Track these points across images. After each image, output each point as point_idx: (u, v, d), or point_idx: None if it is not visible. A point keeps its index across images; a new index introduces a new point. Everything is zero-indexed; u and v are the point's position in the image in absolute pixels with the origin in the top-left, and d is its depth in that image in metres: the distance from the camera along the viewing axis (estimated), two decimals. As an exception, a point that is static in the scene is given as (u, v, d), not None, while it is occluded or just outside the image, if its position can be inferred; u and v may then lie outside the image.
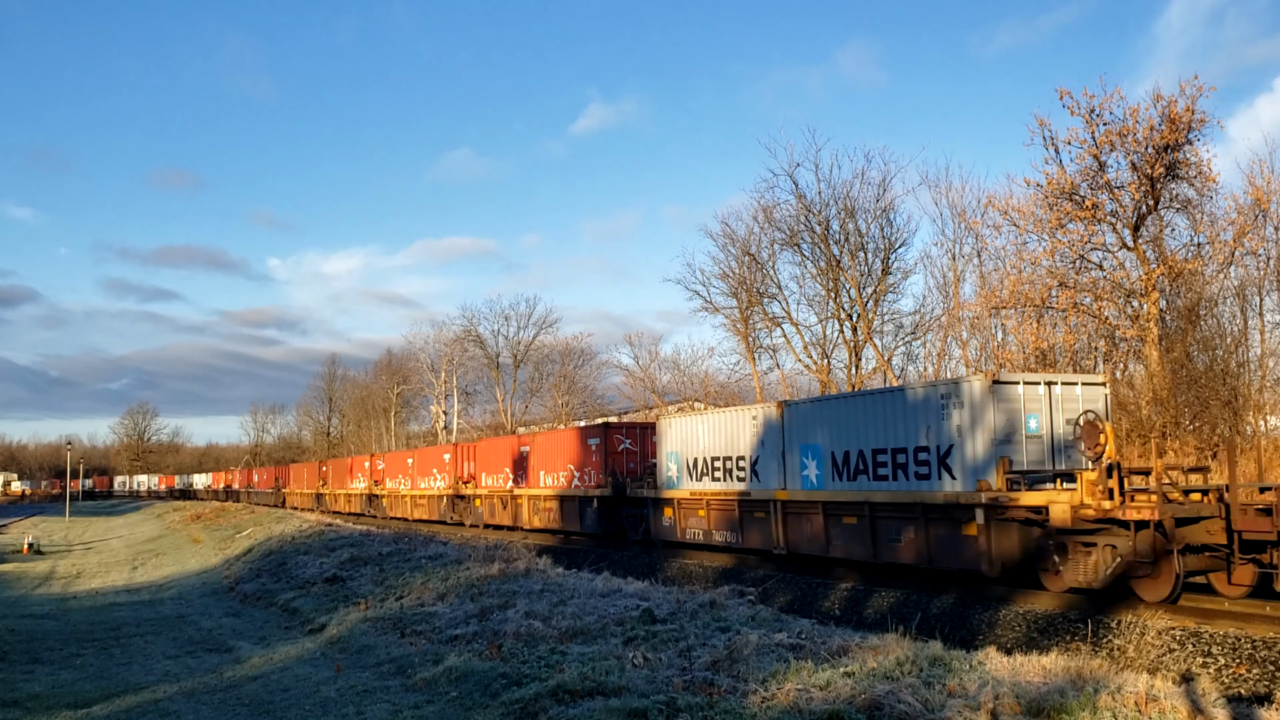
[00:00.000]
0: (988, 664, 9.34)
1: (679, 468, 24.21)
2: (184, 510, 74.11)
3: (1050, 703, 7.79)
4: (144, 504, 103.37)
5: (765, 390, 43.84)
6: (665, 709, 8.53)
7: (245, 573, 27.54)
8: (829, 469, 19.30)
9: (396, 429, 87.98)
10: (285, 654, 14.57)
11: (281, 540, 32.08)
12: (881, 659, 9.47)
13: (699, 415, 24.31)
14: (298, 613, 19.15)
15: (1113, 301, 28.89)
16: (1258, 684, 10.66)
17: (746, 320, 43.71)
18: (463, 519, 38.88)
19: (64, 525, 66.64)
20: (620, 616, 13.24)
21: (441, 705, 10.08)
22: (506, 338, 70.42)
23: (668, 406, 51.19)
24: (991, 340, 34.47)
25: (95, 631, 18.24)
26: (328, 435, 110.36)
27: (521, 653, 11.65)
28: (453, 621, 14.43)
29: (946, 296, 38.77)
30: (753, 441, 21.59)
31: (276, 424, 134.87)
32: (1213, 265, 29.13)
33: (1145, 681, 8.20)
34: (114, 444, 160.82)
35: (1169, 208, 28.44)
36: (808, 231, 40.97)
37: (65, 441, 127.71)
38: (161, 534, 54.03)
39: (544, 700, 9.30)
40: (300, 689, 11.69)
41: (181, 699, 11.72)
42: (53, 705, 11.54)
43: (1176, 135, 26.10)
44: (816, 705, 8.24)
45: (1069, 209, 28.45)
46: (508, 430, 63.55)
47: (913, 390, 17.65)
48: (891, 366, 39.29)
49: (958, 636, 13.37)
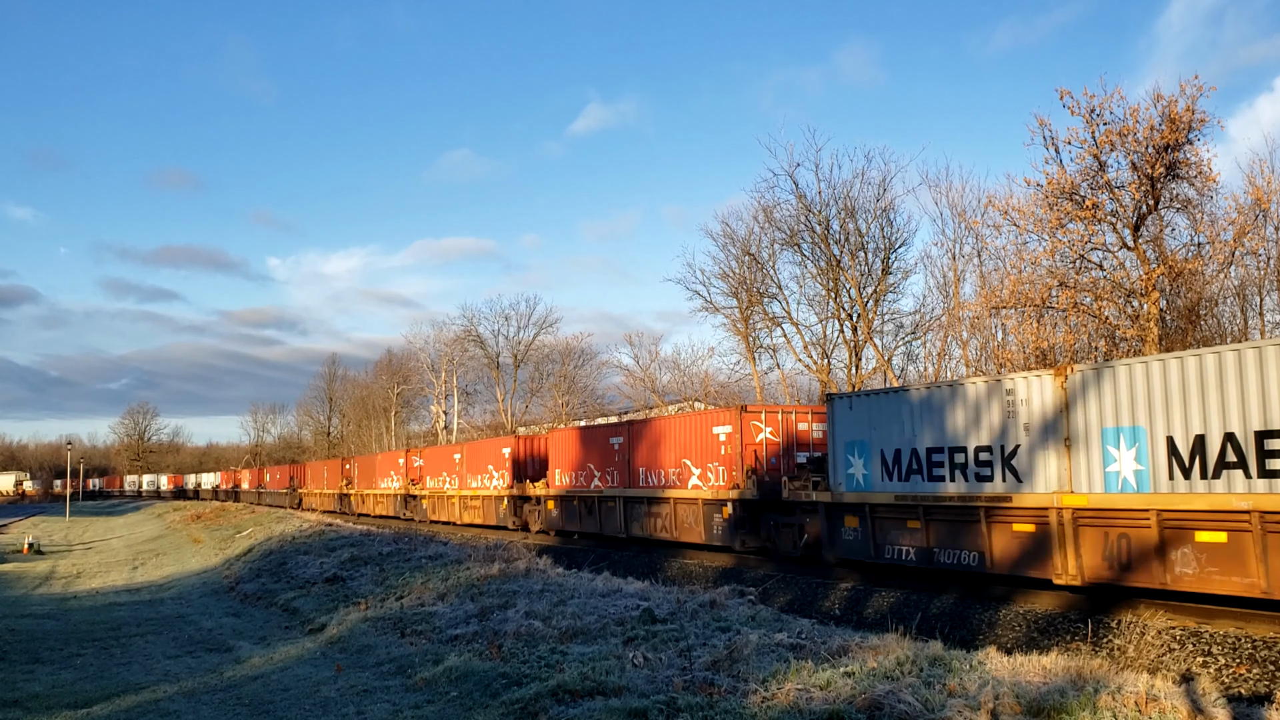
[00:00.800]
0: (988, 664, 9.35)
1: (869, 461, 18.18)
2: (184, 510, 74.11)
3: (1050, 702, 7.79)
4: (144, 504, 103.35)
5: (765, 390, 43.86)
6: (665, 709, 8.53)
7: (245, 572, 27.55)
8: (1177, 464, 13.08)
9: (396, 429, 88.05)
10: (285, 654, 14.57)
11: (282, 540, 32.09)
12: (881, 659, 9.48)
13: (902, 392, 17.86)
14: (298, 613, 19.16)
15: (1113, 301, 28.89)
16: (1258, 684, 10.65)
17: (746, 320, 43.72)
18: (530, 524, 33.31)
19: (64, 525, 66.65)
20: (620, 616, 13.25)
21: (442, 705, 10.08)
22: (507, 338, 70.48)
23: (668, 406, 51.21)
24: (991, 340, 34.49)
25: (95, 631, 18.24)
26: (328, 435, 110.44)
27: (522, 652, 11.66)
28: (453, 621, 14.44)
29: (946, 296, 38.81)
30: (1010, 426, 15.47)
31: (277, 424, 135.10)
32: (1213, 265, 29.13)
33: (1145, 681, 8.20)
34: (114, 444, 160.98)
35: (1169, 208, 28.44)
36: (808, 231, 41.01)
37: (65, 441, 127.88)
38: (162, 534, 54.04)
39: (544, 700, 9.31)
40: (300, 689, 11.69)
41: (182, 699, 11.72)
42: (53, 705, 11.54)
43: (1177, 135, 26.09)
44: (817, 705, 8.24)
45: (1069, 209, 28.45)
46: (508, 430, 63.55)
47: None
48: (891, 366, 39.30)
49: (958, 636, 13.38)
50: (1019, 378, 15.52)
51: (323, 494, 60.55)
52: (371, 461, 51.93)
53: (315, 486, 62.82)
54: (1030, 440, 15.19)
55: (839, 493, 18.76)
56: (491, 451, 36.96)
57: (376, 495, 49.94)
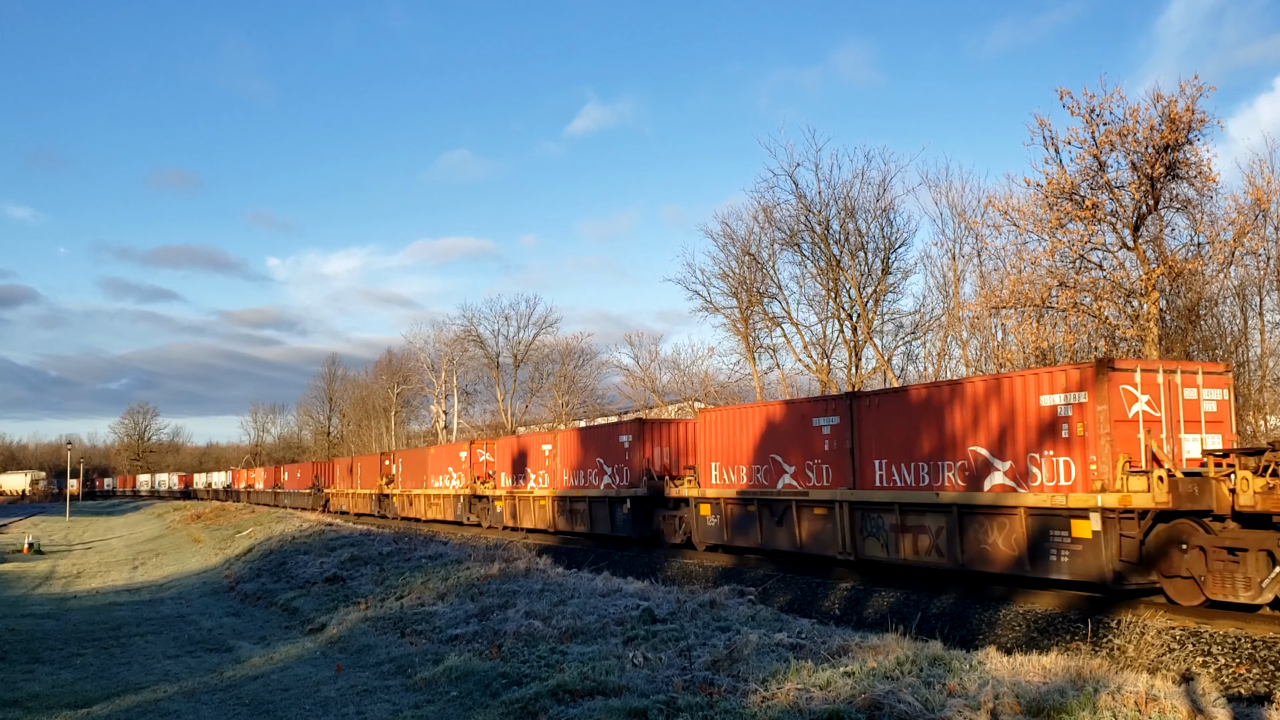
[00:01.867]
0: (988, 664, 9.35)
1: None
2: (184, 510, 74.04)
3: (1050, 702, 7.79)
4: (144, 503, 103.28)
5: (765, 390, 43.87)
6: (665, 709, 8.53)
7: (245, 572, 27.54)
8: None
9: (397, 429, 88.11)
10: (285, 654, 14.57)
11: (281, 540, 32.08)
12: (881, 659, 9.47)
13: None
14: (298, 612, 19.15)
15: (1113, 301, 28.88)
16: (1258, 684, 10.66)
17: (746, 320, 43.72)
18: (668, 535, 25.61)
19: (64, 525, 66.64)
20: (620, 616, 13.24)
21: (442, 705, 10.08)
22: (506, 338, 70.47)
23: (667, 406, 51.20)
24: (991, 340, 34.50)
25: (95, 631, 18.23)
26: (328, 435, 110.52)
27: (522, 652, 11.65)
28: (453, 621, 14.44)
29: (946, 296, 38.80)
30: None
31: (277, 424, 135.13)
32: (1213, 265, 29.13)
33: (1145, 681, 8.20)
34: (114, 444, 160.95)
35: (1169, 208, 28.43)
36: (808, 231, 41.00)
37: (65, 441, 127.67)
38: (162, 534, 54.03)
39: (544, 700, 9.31)
40: (300, 689, 11.69)
41: (182, 699, 11.72)
42: (53, 705, 11.54)
43: (1176, 135, 26.09)
44: (816, 705, 8.24)
45: (1069, 209, 28.44)
46: (507, 430, 63.56)
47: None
48: (891, 366, 39.31)
49: (958, 636, 13.38)
50: None
51: (356, 495, 53.71)
52: (421, 456, 44.49)
53: (346, 486, 55.87)
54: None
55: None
56: (603, 441, 28.49)
57: (429, 496, 42.87)
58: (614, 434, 28.32)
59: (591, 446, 29.46)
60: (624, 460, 27.29)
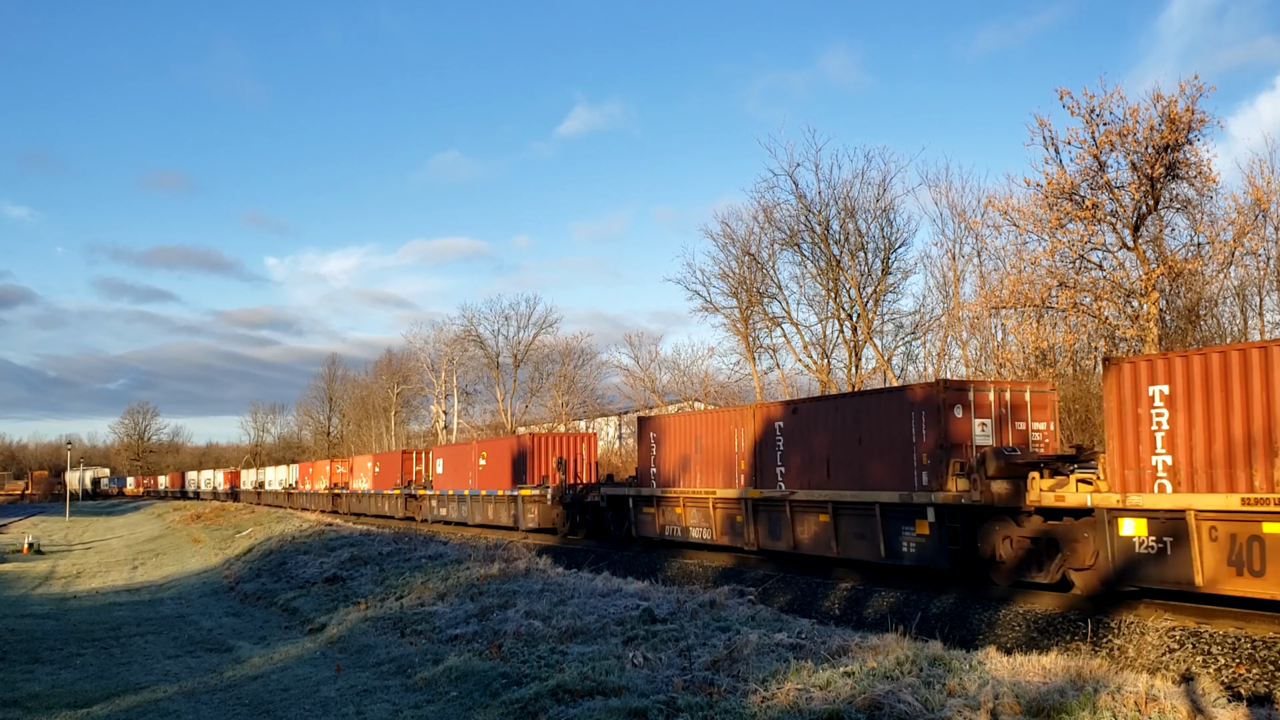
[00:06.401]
0: (988, 664, 9.34)
1: None
2: (184, 510, 74.05)
3: (1050, 703, 7.79)
4: (144, 504, 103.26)
5: (765, 390, 43.87)
6: (665, 709, 8.53)
7: (245, 572, 27.54)
8: None
9: (396, 429, 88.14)
10: (285, 654, 14.58)
11: (281, 540, 32.07)
12: (881, 659, 9.47)
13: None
14: (298, 612, 19.15)
15: (1113, 301, 28.88)
16: (1258, 684, 10.66)
17: (746, 320, 43.73)
18: None
19: (64, 525, 66.64)
20: (620, 616, 13.24)
21: (442, 705, 10.08)
22: (506, 338, 70.52)
23: (668, 406, 51.20)
24: (991, 340, 34.51)
25: (95, 631, 18.23)
26: (328, 435, 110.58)
27: (521, 652, 11.66)
28: (453, 621, 14.44)
29: (946, 296, 38.83)
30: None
31: (276, 424, 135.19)
32: (1213, 265, 29.15)
33: (1145, 681, 8.20)
34: (114, 444, 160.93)
35: (1169, 208, 28.45)
36: (808, 231, 41.03)
37: (65, 441, 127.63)
38: (161, 534, 54.02)
39: (544, 700, 9.31)
40: (300, 689, 11.69)
41: (182, 699, 11.72)
42: (53, 705, 11.54)
43: (1176, 135, 26.10)
44: (816, 705, 8.24)
45: (1069, 209, 28.46)
46: (507, 431, 63.55)
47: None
48: (891, 366, 39.32)
49: (958, 636, 13.38)
50: None
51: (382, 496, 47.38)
52: (467, 452, 36.87)
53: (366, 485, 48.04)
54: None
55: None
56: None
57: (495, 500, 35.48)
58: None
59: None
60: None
